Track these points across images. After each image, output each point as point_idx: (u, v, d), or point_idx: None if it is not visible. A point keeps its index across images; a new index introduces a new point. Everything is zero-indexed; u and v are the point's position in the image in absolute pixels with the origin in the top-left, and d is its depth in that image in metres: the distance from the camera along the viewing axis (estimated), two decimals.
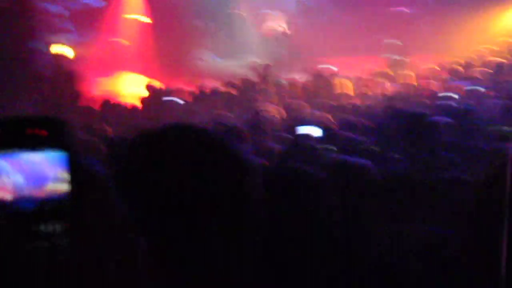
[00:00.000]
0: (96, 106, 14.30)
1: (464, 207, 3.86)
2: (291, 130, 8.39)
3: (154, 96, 15.10)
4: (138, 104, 14.72)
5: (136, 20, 24.03)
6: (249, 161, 1.81)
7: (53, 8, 22.18)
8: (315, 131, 7.42)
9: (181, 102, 14.38)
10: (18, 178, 1.32)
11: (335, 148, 6.99)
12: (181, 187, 1.63)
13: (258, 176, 1.81)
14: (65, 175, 1.34)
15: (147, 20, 23.55)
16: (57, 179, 1.34)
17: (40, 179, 1.33)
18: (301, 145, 6.98)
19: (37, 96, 14.57)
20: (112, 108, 13.92)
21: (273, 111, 12.75)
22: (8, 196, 1.32)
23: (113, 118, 13.02)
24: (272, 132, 9.68)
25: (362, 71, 16.87)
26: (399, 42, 19.58)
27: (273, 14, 22.04)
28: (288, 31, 21.97)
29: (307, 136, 7.35)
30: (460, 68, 16.04)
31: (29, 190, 1.32)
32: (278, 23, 21.72)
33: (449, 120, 8.61)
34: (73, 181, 1.35)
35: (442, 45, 21.24)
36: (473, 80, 14.04)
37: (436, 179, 4.90)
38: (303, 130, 7.41)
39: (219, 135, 1.78)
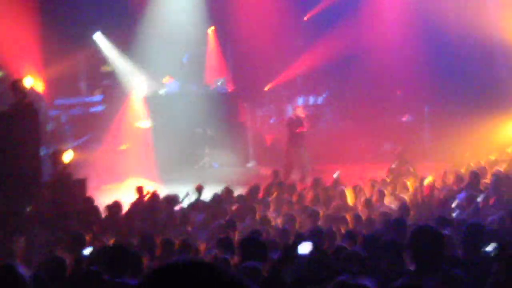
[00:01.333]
0: (99, 213, 14.32)
1: None
2: (287, 243, 8.39)
3: (157, 203, 15.10)
4: (141, 210, 14.72)
5: (138, 126, 24.29)
6: None
7: (55, 114, 22.43)
8: (309, 247, 7.40)
9: (180, 210, 14.38)
10: None
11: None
12: None
13: None
14: None
15: (149, 126, 23.79)
16: None
17: None
18: (292, 261, 6.99)
19: (39, 202, 14.56)
20: (115, 216, 13.93)
21: (273, 220, 12.76)
22: None
23: (115, 226, 13.03)
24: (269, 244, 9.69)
25: (365, 180, 16.89)
26: (401, 150, 19.70)
27: (275, 123, 22.24)
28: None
29: (301, 252, 7.33)
30: (461, 178, 16.08)
31: None
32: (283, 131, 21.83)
33: (449, 233, 8.63)
34: None
35: (443, 154, 21.41)
36: (474, 190, 14.05)
37: None
38: (300, 245, 7.39)
39: (227, 274, 1.85)
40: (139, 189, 15.98)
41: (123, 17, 24.88)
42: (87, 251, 9.61)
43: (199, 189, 15.84)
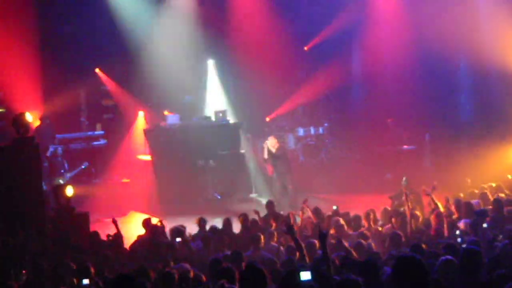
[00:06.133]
0: (100, 247, 14.29)
1: None
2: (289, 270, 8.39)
3: (158, 235, 15.08)
4: (142, 244, 14.69)
5: (140, 159, 24.34)
6: None
7: (54, 149, 22.49)
8: (309, 274, 7.42)
9: (184, 242, 14.34)
10: None
11: None
12: None
13: None
14: None
15: (150, 159, 23.82)
16: None
17: None
18: None
19: (43, 237, 14.56)
20: (115, 249, 13.90)
21: (274, 250, 12.75)
22: None
23: (114, 260, 13.00)
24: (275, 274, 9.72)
25: (364, 209, 16.84)
26: (402, 179, 19.67)
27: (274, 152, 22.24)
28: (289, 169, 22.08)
29: (303, 279, 7.36)
30: (463, 205, 16.04)
31: None
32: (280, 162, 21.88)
33: (453, 259, 8.64)
34: None
35: (445, 181, 21.40)
36: (475, 218, 14.05)
37: None
38: (301, 272, 7.42)
39: None
40: (147, 222, 15.90)
41: (123, 52, 25.05)
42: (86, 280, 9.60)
43: (201, 223, 15.80)
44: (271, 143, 21.91)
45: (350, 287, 7.19)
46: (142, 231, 16.24)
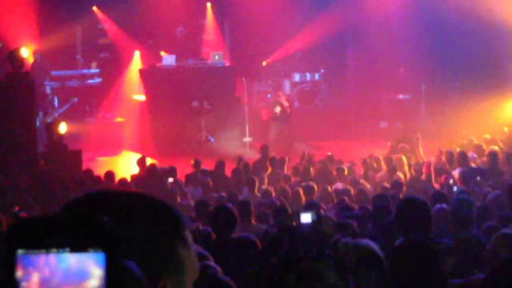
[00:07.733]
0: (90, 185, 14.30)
1: None
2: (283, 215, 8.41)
3: (150, 175, 15.10)
4: (134, 183, 14.72)
5: (134, 99, 24.26)
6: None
7: (48, 84, 22.38)
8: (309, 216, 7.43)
9: (176, 182, 14.37)
10: (52, 278, 1.26)
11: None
12: None
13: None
14: (103, 276, 1.28)
15: (144, 99, 23.73)
16: (93, 280, 1.27)
17: (75, 280, 1.27)
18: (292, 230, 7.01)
19: (34, 173, 14.55)
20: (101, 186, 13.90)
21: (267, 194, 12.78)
22: None
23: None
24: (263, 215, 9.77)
25: (360, 156, 16.88)
26: (405, 128, 19.68)
27: (271, 98, 22.22)
28: (285, 114, 22.05)
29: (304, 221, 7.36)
30: (456, 156, 16.06)
31: None
32: (276, 106, 21.86)
33: (446, 207, 8.65)
34: (111, 283, 1.28)
35: (440, 132, 21.40)
36: (468, 168, 14.09)
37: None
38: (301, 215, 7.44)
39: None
40: (141, 161, 15.91)
41: None
42: None
43: (197, 163, 15.81)
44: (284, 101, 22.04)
45: (347, 230, 7.24)
46: (134, 170, 16.28)
